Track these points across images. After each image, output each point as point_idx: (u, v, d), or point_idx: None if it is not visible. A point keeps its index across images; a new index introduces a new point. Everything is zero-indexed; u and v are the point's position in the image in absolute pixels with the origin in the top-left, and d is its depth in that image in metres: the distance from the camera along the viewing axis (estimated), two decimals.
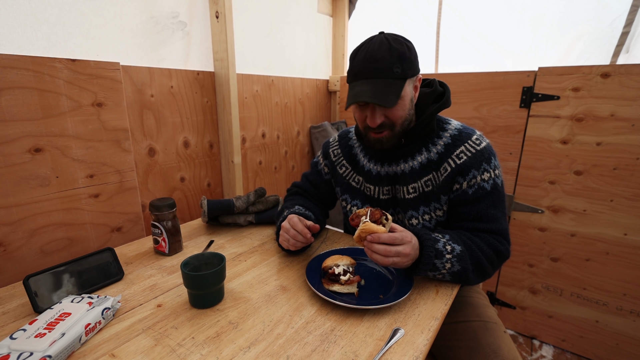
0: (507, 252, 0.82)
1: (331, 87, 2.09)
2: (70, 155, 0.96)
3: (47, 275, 0.70)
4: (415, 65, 0.79)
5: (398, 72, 0.76)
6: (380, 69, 0.76)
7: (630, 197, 1.34)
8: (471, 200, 0.82)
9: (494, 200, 0.82)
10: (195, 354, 0.57)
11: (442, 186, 0.84)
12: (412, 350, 0.59)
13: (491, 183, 0.81)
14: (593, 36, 1.44)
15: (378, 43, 0.77)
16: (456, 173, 0.82)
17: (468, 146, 0.83)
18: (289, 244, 0.85)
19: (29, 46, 0.88)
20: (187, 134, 1.33)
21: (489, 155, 0.82)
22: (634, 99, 1.28)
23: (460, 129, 0.86)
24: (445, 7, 1.75)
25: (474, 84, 1.60)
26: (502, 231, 0.82)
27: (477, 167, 0.81)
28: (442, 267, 0.75)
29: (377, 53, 0.76)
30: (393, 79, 0.76)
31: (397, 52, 0.75)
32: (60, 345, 0.55)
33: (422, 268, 0.74)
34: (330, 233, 1.08)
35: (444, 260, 0.75)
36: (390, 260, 0.70)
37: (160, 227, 0.90)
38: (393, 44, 0.76)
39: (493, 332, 0.83)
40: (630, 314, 1.43)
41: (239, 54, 1.46)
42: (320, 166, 1.07)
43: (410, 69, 0.78)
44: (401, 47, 0.76)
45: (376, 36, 0.79)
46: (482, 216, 0.82)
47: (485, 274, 0.80)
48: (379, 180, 0.92)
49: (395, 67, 0.75)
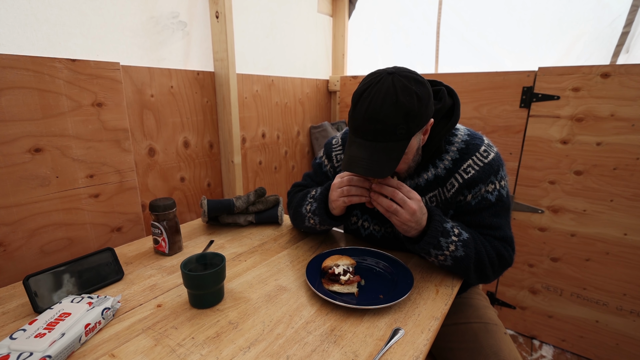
0: (510, 258, 0.81)
1: (331, 87, 2.09)
2: (70, 155, 0.96)
3: (47, 275, 0.70)
4: (425, 116, 0.70)
5: (402, 134, 0.68)
6: (381, 131, 0.68)
7: (630, 197, 1.34)
8: (473, 210, 0.81)
9: (497, 209, 0.80)
10: (195, 354, 0.57)
11: (449, 201, 0.83)
12: (412, 350, 0.59)
13: (496, 194, 0.80)
14: (593, 36, 1.44)
15: (383, 95, 0.67)
16: (463, 187, 0.81)
17: (476, 159, 0.80)
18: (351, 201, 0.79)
19: (29, 46, 0.87)
20: (187, 134, 1.33)
21: (497, 167, 0.80)
22: (634, 99, 1.28)
23: (468, 140, 0.83)
24: (445, 7, 1.75)
25: (474, 84, 1.60)
26: (507, 238, 0.81)
27: (485, 181, 0.79)
28: (445, 247, 0.74)
29: (379, 111, 0.67)
30: (395, 141, 0.69)
31: (404, 108, 0.66)
32: (60, 345, 0.55)
33: (426, 240, 0.73)
34: (330, 233, 1.08)
35: (449, 240, 0.74)
36: (393, 207, 0.70)
37: (160, 227, 0.90)
38: (400, 97, 0.66)
39: (494, 333, 0.83)
40: (630, 314, 1.43)
41: (239, 54, 1.46)
42: (325, 168, 1.04)
43: (418, 125, 0.70)
44: (409, 101, 0.67)
45: (384, 78, 0.69)
46: (484, 224, 0.81)
47: (484, 275, 0.79)
48: None
49: (399, 129, 0.67)
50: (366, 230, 0.97)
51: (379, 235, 0.95)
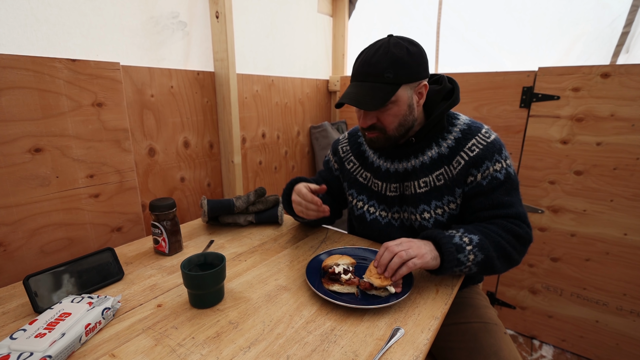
0: (527, 235, 0.81)
1: (331, 87, 2.09)
2: (70, 155, 0.96)
3: (47, 275, 0.70)
4: (416, 71, 0.78)
5: (389, 77, 0.76)
6: (371, 73, 0.77)
7: (630, 197, 1.34)
8: (486, 190, 0.82)
9: (507, 188, 0.82)
10: (196, 354, 0.57)
11: (456, 179, 0.84)
12: (412, 349, 0.59)
13: (504, 172, 0.82)
14: (593, 36, 1.44)
15: (378, 46, 0.78)
16: (470, 165, 0.83)
17: (479, 139, 0.83)
18: (309, 216, 0.88)
19: (29, 46, 0.87)
20: (187, 134, 1.33)
21: (499, 146, 0.83)
22: (634, 99, 1.28)
23: (469, 123, 0.87)
24: (445, 7, 1.75)
25: (474, 84, 1.60)
26: (520, 215, 0.82)
27: (490, 158, 0.82)
28: (466, 261, 0.75)
29: (372, 57, 0.77)
30: (383, 83, 0.77)
31: (394, 56, 0.75)
32: (60, 345, 0.55)
33: (446, 266, 0.73)
34: (330, 233, 1.08)
35: (466, 252, 0.74)
36: (404, 254, 0.70)
37: (160, 227, 0.90)
38: (392, 48, 0.76)
39: (494, 333, 0.83)
40: (630, 314, 1.43)
41: (239, 54, 1.46)
42: (331, 163, 1.10)
43: (408, 75, 0.77)
44: (400, 52, 0.75)
45: (382, 39, 0.79)
46: (497, 204, 0.82)
47: (511, 260, 0.79)
48: (387, 176, 0.93)
49: (386, 72, 0.75)
50: (371, 216, 0.98)
51: (383, 222, 0.96)
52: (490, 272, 0.80)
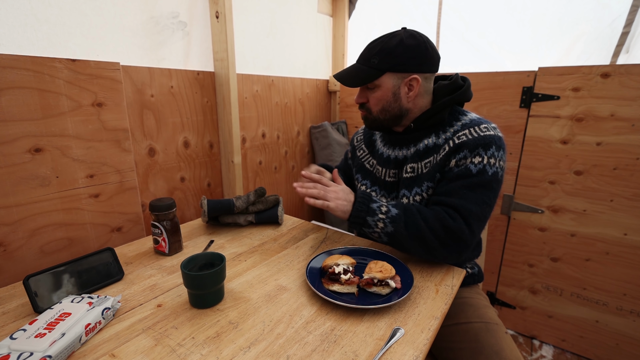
0: (459, 230, 0.76)
1: (331, 87, 2.09)
2: (70, 155, 0.96)
3: (47, 275, 0.70)
4: (404, 62, 0.83)
5: (374, 63, 0.84)
6: (363, 56, 0.87)
7: (630, 197, 1.34)
8: (452, 177, 0.81)
9: (474, 182, 0.78)
10: (196, 354, 0.57)
11: (438, 164, 0.85)
12: (412, 349, 0.59)
13: (479, 167, 0.78)
14: (593, 36, 1.44)
15: (383, 36, 0.85)
16: (452, 151, 0.82)
17: (472, 130, 0.82)
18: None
19: (29, 46, 0.87)
20: (187, 134, 1.33)
21: (489, 142, 0.79)
22: (634, 99, 1.28)
23: (474, 119, 0.86)
24: (445, 7, 1.75)
25: (473, 84, 1.59)
26: (463, 209, 0.77)
27: (472, 149, 0.79)
28: (374, 225, 0.81)
29: (372, 43, 0.86)
30: (368, 67, 0.85)
31: (385, 46, 0.82)
32: (60, 345, 0.55)
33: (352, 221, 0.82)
34: (330, 233, 1.08)
35: (376, 219, 0.80)
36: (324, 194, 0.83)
37: (160, 227, 0.90)
38: (389, 39, 0.83)
39: (495, 333, 0.83)
40: (630, 314, 1.43)
41: (239, 54, 1.46)
42: (347, 154, 1.20)
43: (394, 64, 0.83)
44: (389, 42, 0.82)
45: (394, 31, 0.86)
46: (451, 192, 0.80)
47: (427, 247, 0.78)
48: (387, 162, 0.97)
49: (372, 58, 0.84)
50: None
51: None
52: (405, 250, 0.83)
